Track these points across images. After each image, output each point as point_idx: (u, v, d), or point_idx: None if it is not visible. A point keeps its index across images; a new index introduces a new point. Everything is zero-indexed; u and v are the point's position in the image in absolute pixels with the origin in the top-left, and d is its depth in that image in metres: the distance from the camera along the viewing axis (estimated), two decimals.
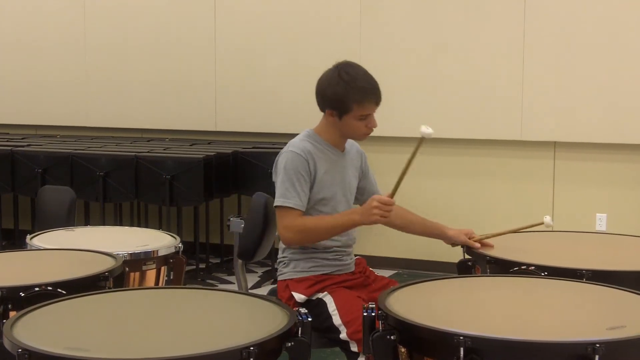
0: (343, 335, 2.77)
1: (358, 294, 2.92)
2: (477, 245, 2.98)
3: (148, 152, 5.79)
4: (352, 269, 3.04)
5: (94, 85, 6.88)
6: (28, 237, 3.32)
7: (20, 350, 1.91)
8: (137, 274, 3.09)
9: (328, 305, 2.84)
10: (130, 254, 3.09)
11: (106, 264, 2.75)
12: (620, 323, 2.07)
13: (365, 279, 3.05)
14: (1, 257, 3.00)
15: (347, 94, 2.87)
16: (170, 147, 6.06)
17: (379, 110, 3.07)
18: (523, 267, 2.69)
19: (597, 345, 1.88)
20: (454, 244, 3.11)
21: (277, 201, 2.85)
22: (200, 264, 5.90)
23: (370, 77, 2.96)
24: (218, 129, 6.53)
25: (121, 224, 5.98)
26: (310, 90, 3.06)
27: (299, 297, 2.88)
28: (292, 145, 2.91)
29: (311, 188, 2.89)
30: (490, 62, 5.71)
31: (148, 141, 6.55)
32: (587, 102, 5.51)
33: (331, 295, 2.87)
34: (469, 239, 3.03)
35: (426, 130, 2.56)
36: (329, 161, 2.95)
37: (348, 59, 6.06)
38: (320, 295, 2.89)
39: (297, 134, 3.00)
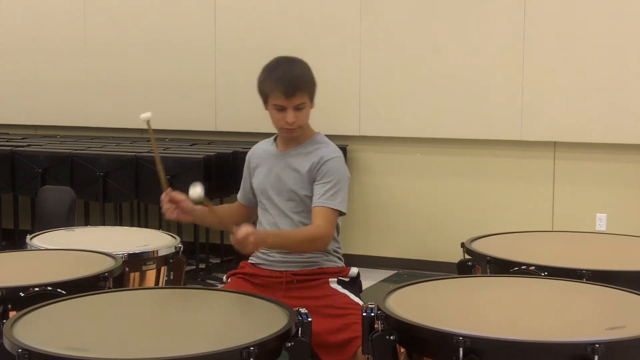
0: None
1: (260, 291, 2.80)
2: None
3: (148, 152, 5.79)
4: (280, 268, 2.93)
5: (94, 85, 6.88)
6: (28, 237, 3.32)
7: (20, 350, 1.91)
8: (137, 274, 3.09)
9: None
10: (130, 254, 3.08)
11: (106, 264, 2.75)
12: (620, 323, 2.07)
13: (293, 285, 2.91)
14: (1, 257, 3.00)
15: (265, 80, 2.91)
16: (170, 147, 6.06)
17: (379, 111, 3.07)
18: (523, 267, 2.68)
19: (597, 345, 1.88)
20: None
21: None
22: (200, 264, 5.90)
23: (293, 71, 2.89)
24: (218, 129, 6.53)
25: (121, 224, 5.98)
26: None
27: (224, 278, 3.04)
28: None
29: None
30: (490, 62, 5.71)
31: (148, 141, 6.55)
32: (587, 102, 5.51)
33: (229, 282, 2.98)
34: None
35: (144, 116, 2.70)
36: (264, 158, 3.04)
37: (348, 59, 6.17)
38: (228, 280, 3.01)
39: None
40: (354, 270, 3.01)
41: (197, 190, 2.54)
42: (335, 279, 2.96)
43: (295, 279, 2.91)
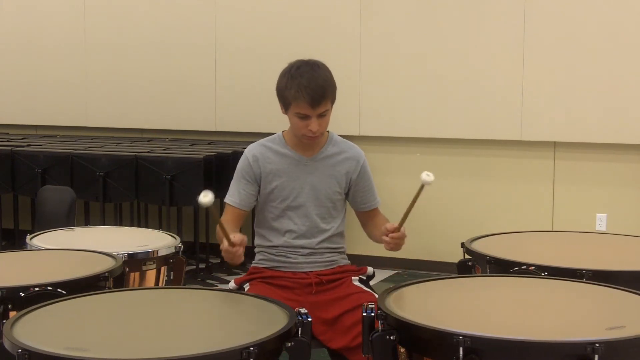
0: None
1: (287, 294, 2.82)
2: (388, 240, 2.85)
3: (148, 152, 5.79)
4: (305, 269, 2.94)
5: (94, 85, 6.88)
6: (28, 237, 3.32)
7: (20, 350, 1.91)
8: (137, 274, 3.09)
9: None
10: (130, 254, 3.08)
11: (106, 264, 2.75)
12: (620, 323, 2.07)
13: (322, 287, 2.92)
14: (1, 257, 3.00)
15: (287, 87, 2.84)
16: (170, 147, 6.06)
17: (379, 111, 3.07)
18: (523, 267, 2.68)
19: (597, 345, 1.88)
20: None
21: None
22: (200, 264, 5.90)
23: (317, 79, 2.80)
24: (218, 129, 6.53)
25: (121, 224, 5.98)
26: None
27: (230, 285, 2.95)
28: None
29: (260, 189, 2.95)
30: (490, 63, 5.72)
31: (148, 141, 6.56)
32: (587, 102, 5.51)
33: (250, 288, 2.87)
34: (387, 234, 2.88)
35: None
36: (283, 163, 2.94)
37: (348, 60, 6.17)
38: (245, 286, 2.91)
39: None
40: (370, 270, 3.08)
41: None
42: (357, 277, 3.01)
43: (323, 279, 2.92)
